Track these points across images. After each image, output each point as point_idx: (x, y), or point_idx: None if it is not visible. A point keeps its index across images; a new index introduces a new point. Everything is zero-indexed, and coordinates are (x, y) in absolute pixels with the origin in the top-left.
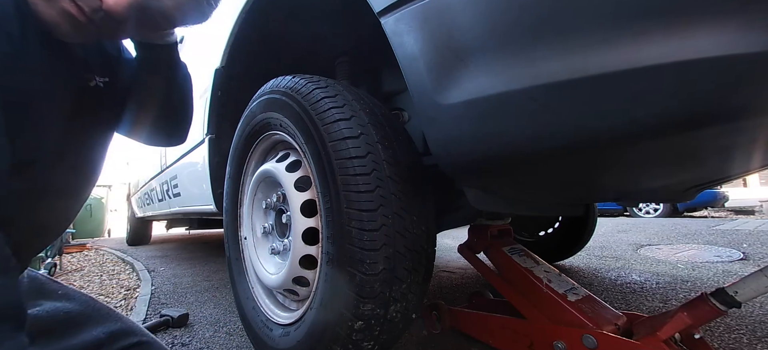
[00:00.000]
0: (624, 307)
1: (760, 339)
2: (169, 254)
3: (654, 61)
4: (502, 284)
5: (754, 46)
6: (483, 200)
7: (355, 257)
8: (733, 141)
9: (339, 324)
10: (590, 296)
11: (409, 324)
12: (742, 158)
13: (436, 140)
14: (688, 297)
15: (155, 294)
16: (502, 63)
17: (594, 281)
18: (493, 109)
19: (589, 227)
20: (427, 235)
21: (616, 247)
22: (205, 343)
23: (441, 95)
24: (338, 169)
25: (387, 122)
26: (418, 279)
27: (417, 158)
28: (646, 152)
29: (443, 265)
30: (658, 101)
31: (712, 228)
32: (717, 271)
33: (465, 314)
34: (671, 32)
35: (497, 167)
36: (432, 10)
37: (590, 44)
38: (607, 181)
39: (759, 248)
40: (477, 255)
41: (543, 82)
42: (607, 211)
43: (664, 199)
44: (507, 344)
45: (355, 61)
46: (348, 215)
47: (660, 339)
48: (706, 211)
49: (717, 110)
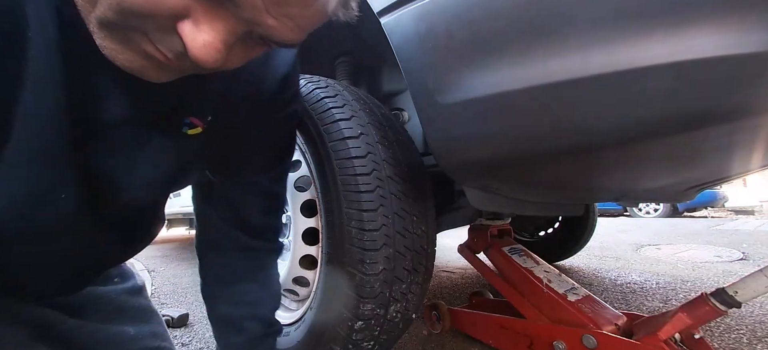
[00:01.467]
0: (624, 307)
1: (760, 339)
2: (169, 254)
3: (654, 61)
4: (502, 284)
5: (754, 46)
6: (483, 200)
7: (355, 257)
8: (733, 141)
9: (339, 324)
10: (590, 296)
11: (409, 324)
12: (742, 158)
13: (436, 140)
14: (688, 297)
15: (155, 294)
16: (502, 63)
17: (594, 281)
18: (493, 109)
19: (589, 228)
20: (427, 235)
21: (616, 247)
22: (205, 343)
23: (441, 94)
24: (338, 169)
25: (387, 122)
26: (418, 279)
27: (417, 158)
28: (646, 152)
29: (443, 265)
30: (658, 101)
31: (712, 228)
32: (717, 271)
33: (465, 314)
34: (671, 32)
35: (497, 167)
36: (432, 10)
37: (590, 44)
38: (607, 181)
39: (759, 248)
40: (477, 255)
41: (543, 82)
42: (607, 211)
43: (664, 199)
44: (507, 344)
45: (355, 61)
46: (348, 215)
47: (660, 339)
48: (706, 211)
49: (717, 110)
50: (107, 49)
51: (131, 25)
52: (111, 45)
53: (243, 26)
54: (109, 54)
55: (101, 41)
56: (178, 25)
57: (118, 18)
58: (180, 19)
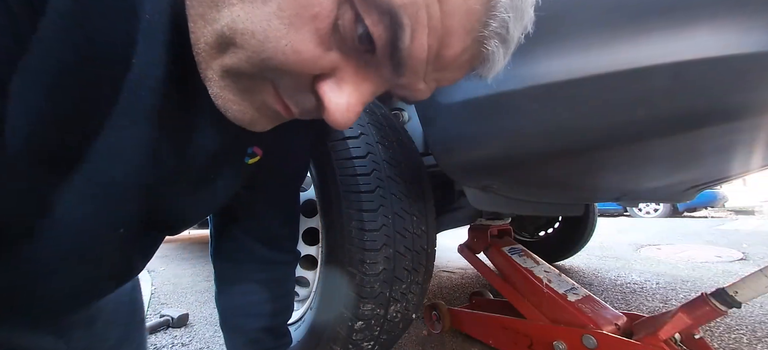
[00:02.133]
0: (624, 307)
1: (760, 339)
2: (169, 254)
3: (654, 61)
4: (502, 284)
5: (754, 46)
6: (483, 200)
7: (355, 258)
8: (733, 141)
9: (339, 324)
10: (590, 296)
11: (409, 324)
12: (742, 158)
13: (436, 140)
14: (688, 297)
15: (155, 294)
16: None
17: (594, 281)
18: (493, 109)
19: (589, 228)
20: (427, 235)
21: (616, 247)
22: (205, 343)
23: (441, 94)
24: (338, 169)
25: (387, 122)
26: (418, 279)
27: (417, 158)
28: (646, 152)
29: (443, 265)
30: (658, 100)
31: (712, 228)
32: (717, 271)
33: (465, 314)
34: (671, 32)
35: (497, 166)
36: None
37: (590, 44)
38: (607, 181)
39: (759, 248)
40: (477, 255)
41: (543, 82)
42: (607, 211)
43: (664, 199)
44: (507, 344)
45: None
46: (348, 215)
47: (660, 339)
48: (706, 211)
49: (717, 110)
50: (222, 98)
51: (263, 77)
52: (229, 96)
53: (386, 87)
54: (222, 104)
55: (219, 91)
56: (319, 83)
57: (255, 71)
58: (322, 78)
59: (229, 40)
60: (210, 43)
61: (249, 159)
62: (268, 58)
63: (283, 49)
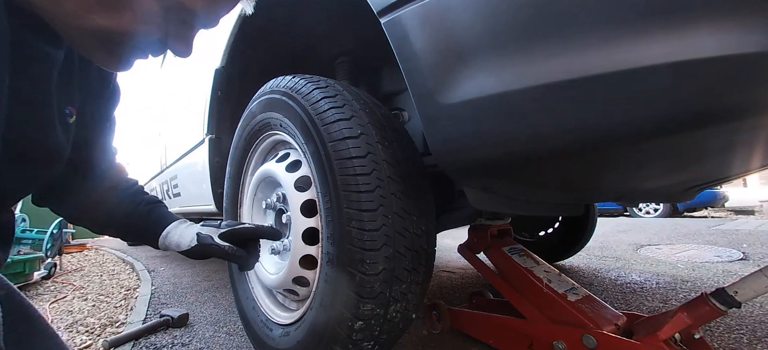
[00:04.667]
0: (624, 307)
1: (760, 339)
2: (168, 254)
3: (654, 61)
4: (502, 284)
5: (754, 46)
6: (483, 200)
7: (355, 257)
8: (733, 141)
9: (339, 323)
10: (590, 296)
11: (409, 324)
12: (742, 158)
13: (436, 140)
14: (688, 297)
15: (155, 294)
16: (502, 63)
17: (594, 281)
18: (493, 109)
19: (589, 228)
20: (427, 235)
21: (616, 247)
22: (205, 343)
23: (441, 94)
24: (338, 169)
25: (387, 122)
26: (418, 279)
27: (417, 158)
28: (646, 152)
29: (443, 265)
30: (658, 101)
31: (712, 228)
32: (717, 271)
33: (465, 314)
34: (671, 32)
35: (497, 167)
36: (432, 9)
37: (590, 44)
38: (607, 181)
39: (759, 248)
40: (477, 255)
41: (543, 82)
42: (607, 211)
43: (664, 199)
44: (507, 344)
45: (355, 61)
46: (348, 215)
47: (660, 339)
48: (706, 211)
49: (717, 110)
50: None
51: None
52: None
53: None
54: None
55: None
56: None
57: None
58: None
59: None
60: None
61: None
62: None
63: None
